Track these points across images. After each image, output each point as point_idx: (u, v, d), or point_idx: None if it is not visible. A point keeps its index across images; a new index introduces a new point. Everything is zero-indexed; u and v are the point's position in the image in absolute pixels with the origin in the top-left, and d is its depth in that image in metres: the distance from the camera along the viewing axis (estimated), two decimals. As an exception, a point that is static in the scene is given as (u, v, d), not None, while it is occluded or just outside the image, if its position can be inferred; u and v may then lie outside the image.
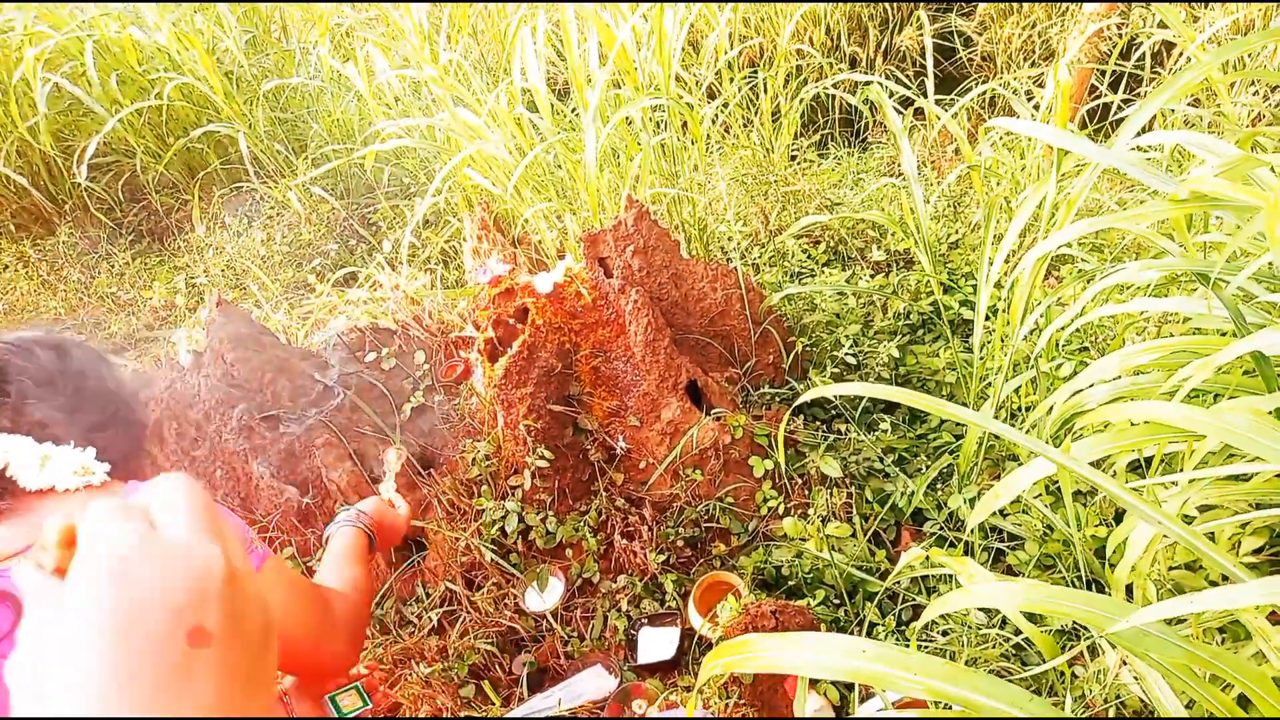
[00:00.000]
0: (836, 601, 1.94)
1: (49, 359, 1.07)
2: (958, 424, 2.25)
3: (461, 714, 1.91)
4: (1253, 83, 2.81)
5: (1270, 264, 1.05)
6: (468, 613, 2.07)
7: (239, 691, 0.40)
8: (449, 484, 2.17)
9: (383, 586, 2.15)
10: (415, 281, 2.85)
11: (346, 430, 2.28)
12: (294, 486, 2.15)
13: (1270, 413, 1.05)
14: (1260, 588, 0.59)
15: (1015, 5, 4.45)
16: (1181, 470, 1.20)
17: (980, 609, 1.76)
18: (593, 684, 1.91)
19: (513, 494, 2.17)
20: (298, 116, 4.37)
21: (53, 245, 4.23)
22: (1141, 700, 1.41)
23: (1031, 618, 1.54)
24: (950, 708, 0.78)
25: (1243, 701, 0.89)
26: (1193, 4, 3.52)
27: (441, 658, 1.96)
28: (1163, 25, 3.13)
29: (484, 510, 2.14)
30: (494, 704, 1.91)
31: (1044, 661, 1.44)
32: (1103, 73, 3.22)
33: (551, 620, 2.06)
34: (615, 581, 2.10)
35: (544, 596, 2.08)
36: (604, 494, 2.18)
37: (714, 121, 3.33)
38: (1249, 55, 2.70)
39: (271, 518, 2.14)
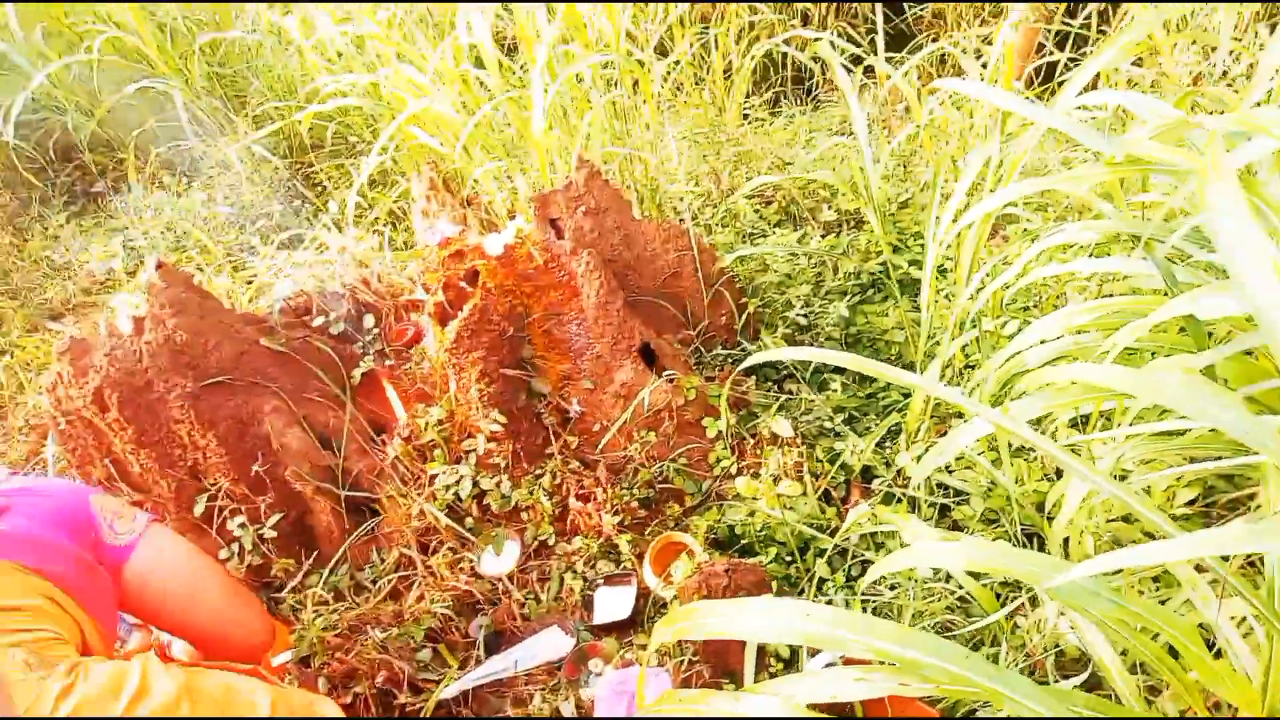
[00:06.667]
0: (788, 559, 1.98)
1: None
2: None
3: (419, 677, 1.91)
4: (1194, 42, 2.84)
5: (1200, 226, 1.08)
6: (423, 577, 2.07)
7: None
8: (401, 449, 2.15)
9: (337, 553, 2.14)
10: (363, 244, 2.79)
11: (295, 395, 2.24)
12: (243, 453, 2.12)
13: (1201, 370, 1.08)
14: (1185, 544, 0.62)
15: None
16: (1118, 427, 1.24)
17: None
18: (549, 645, 1.93)
19: (466, 458, 2.16)
20: (236, 72, 4.22)
21: (-20, 207, 4.06)
22: (1079, 649, 1.47)
23: (976, 575, 1.59)
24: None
25: (1172, 651, 0.92)
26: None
27: (397, 622, 1.96)
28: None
29: (437, 475, 2.13)
30: (451, 667, 1.92)
31: (987, 614, 1.48)
32: (1051, 30, 3.24)
33: (508, 583, 2.07)
34: (571, 544, 2.11)
35: (500, 560, 2.09)
36: (558, 457, 2.18)
37: (665, 79, 3.28)
38: (1190, 15, 2.74)
39: (219, 486, 2.11)
